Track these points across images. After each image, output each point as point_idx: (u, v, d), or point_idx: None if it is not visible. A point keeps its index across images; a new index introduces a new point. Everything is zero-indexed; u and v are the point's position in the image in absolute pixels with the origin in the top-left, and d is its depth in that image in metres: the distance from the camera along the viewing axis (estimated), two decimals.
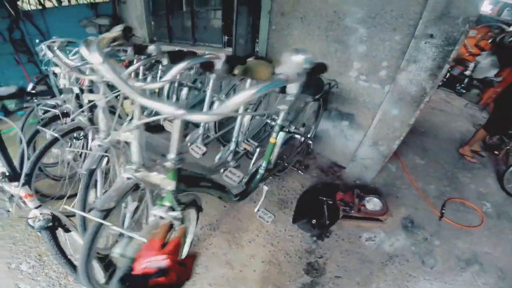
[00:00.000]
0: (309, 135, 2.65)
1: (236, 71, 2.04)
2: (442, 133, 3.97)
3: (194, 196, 1.56)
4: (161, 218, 1.17)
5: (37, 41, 2.16)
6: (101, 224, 1.26)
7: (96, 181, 1.84)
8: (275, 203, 2.49)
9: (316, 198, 2.36)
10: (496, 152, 3.53)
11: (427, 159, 3.25)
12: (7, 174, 1.49)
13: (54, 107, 2.04)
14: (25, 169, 1.47)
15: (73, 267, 1.51)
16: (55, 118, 2.00)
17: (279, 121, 1.84)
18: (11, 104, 3.71)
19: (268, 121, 2.37)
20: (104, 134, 1.69)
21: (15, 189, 1.48)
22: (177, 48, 3.57)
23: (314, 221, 2.16)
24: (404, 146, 3.26)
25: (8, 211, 1.64)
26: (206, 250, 2.14)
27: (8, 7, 3.96)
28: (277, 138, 1.92)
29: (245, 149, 2.30)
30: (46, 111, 2.11)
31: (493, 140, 3.62)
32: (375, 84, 2.31)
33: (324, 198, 2.33)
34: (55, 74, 2.04)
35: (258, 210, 2.13)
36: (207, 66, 2.13)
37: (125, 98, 1.63)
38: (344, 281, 1.96)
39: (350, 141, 2.74)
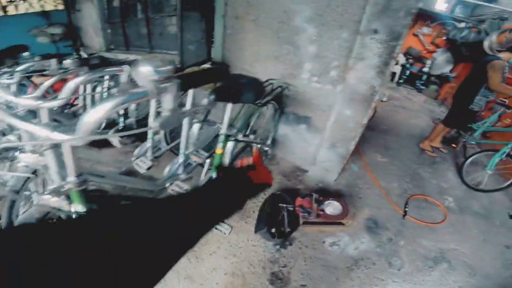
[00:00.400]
0: (266, 141, 2.58)
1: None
2: (403, 129, 4.04)
3: None
4: None
5: None
6: None
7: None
8: (236, 213, 2.38)
9: (276, 206, 2.28)
10: (453, 146, 3.64)
11: (389, 157, 3.28)
12: None
13: None
14: None
15: None
16: None
17: (222, 130, 1.76)
18: None
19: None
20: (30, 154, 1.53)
21: None
22: (131, 57, 3.44)
23: (273, 229, 2.08)
24: (366, 144, 3.28)
25: None
26: None
27: None
28: (225, 148, 1.83)
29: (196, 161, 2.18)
30: None
31: (451, 134, 3.73)
32: (327, 85, 2.27)
33: (284, 205, 2.26)
34: None
35: None
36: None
37: None
38: None
39: (309, 144, 2.69)
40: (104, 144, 2.52)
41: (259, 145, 2.28)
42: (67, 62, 1.68)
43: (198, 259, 2.04)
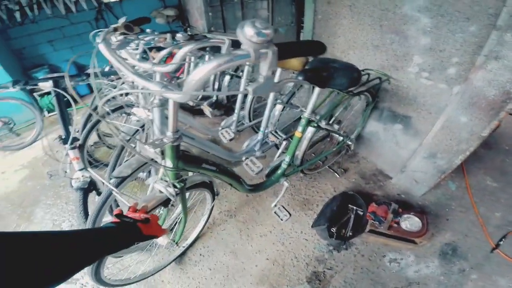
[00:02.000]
0: (351, 136, 2.40)
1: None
2: None
3: (209, 178, 1.61)
4: (160, 192, 1.26)
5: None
6: (111, 191, 1.43)
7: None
8: (299, 202, 2.34)
9: (345, 206, 2.12)
10: None
11: (502, 182, 2.64)
12: (63, 137, 1.89)
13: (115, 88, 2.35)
14: (73, 134, 1.83)
15: None
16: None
17: (306, 114, 1.69)
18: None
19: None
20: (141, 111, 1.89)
21: (67, 151, 1.84)
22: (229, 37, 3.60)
23: (333, 229, 1.96)
24: (475, 162, 2.72)
25: (66, 171, 1.96)
26: (217, 234, 2.16)
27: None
28: (304, 133, 1.77)
29: (273, 141, 2.20)
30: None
31: None
32: (441, 83, 1.89)
33: (354, 207, 2.09)
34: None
35: (275, 206, 2.01)
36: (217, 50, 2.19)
37: None
38: None
39: (402, 148, 2.36)
40: (198, 113, 2.77)
41: (341, 138, 2.13)
42: (179, 36, 1.89)
43: (248, 237, 2.11)
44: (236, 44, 1.91)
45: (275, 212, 2.00)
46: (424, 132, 2.12)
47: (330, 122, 2.12)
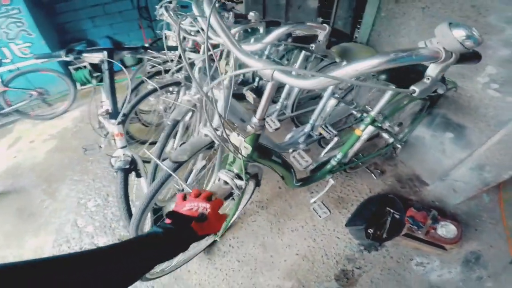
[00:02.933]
0: (400, 138, 2.33)
1: (333, 50, 1.82)
2: None
3: (258, 169, 1.54)
4: (225, 183, 1.16)
5: (155, 6, 2.37)
6: (170, 175, 1.34)
7: (177, 132, 2.04)
8: (334, 200, 2.35)
9: (382, 208, 2.14)
10: None
11: None
12: (110, 111, 1.78)
13: (160, 64, 2.28)
14: (123, 110, 1.71)
15: (129, 213, 1.63)
16: (159, 73, 2.28)
17: (373, 113, 1.61)
18: (128, 61, 4.43)
19: (355, 112, 2.09)
20: (194, 91, 1.82)
21: (112, 126, 1.73)
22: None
23: (371, 230, 2.00)
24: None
25: (100, 146, 1.94)
26: (248, 225, 2.17)
27: None
28: (364, 131, 1.70)
29: (320, 134, 2.15)
30: (153, 67, 2.39)
31: None
32: (510, 96, 1.77)
33: (392, 211, 2.11)
34: (166, 37, 2.24)
35: (315, 202, 2.02)
36: (302, 40, 1.92)
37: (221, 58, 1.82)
38: None
39: (447, 157, 2.29)
40: (239, 98, 2.64)
41: (391, 140, 2.06)
42: (251, 15, 1.92)
43: (279, 231, 2.12)
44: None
45: (313, 208, 2.01)
46: (476, 143, 2.04)
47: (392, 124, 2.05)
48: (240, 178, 1.16)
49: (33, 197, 2.46)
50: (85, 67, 1.75)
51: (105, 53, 1.71)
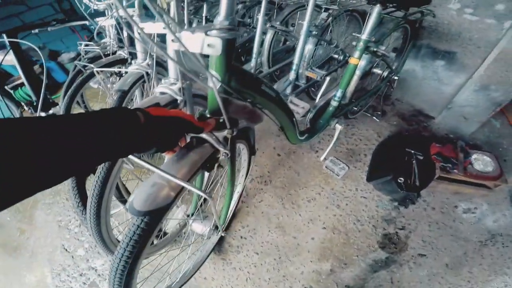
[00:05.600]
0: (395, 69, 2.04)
1: None
2: None
3: (248, 129, 1.02)
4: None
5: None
6: None
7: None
8: (343, 154, 1.90)
9: (402, 151, 1.72)
10: None
11: None
12: (34, 103, 1.61)
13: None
14: (42, 97, 1.45)
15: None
16: (98, 58, 1.89)
17: (364, 36, 1.31)
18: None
19: (335, 55, 1.82)
20: (142, 57, 1.49)
21: None
22: None
23: (401, 179, 1.56)
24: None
25: None
26: (255, 208, 1.67)
27: None
28: (360, 59, 1.39)
29: (307, 82, 1.74)
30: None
31: None
32: (488, 19, 1.72)
33: (413, 151, 1.70)
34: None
35: (325, 159, 1.56)
36: None
37: None
38: (429, 261, 1.43)
39: (445, 85, 2.08)
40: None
41: (385, 73, 1.73)
42: None
43: (294, 205, 1.65)
44: None
45: (326, 167, 1.55)
46: (472, 66, 1.91)
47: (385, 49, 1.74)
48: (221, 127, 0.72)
49: (11, 230, 2.06)
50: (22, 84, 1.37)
51: (4, 35, 1.40)
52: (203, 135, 0.71)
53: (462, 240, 1.50)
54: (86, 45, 1.89)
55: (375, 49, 1.42)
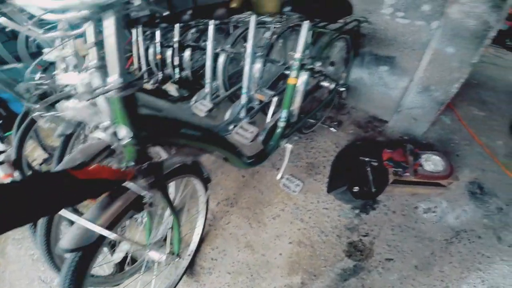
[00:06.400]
0: (340, 82, 2.10)
1: (233, 4, 1.54)
2: (499, 85, 3.21)
3: (194, 157, 1.07)
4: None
5: None
6: None
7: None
8: (303, 169, 1.94)
9: (356, 159, 1.77)
10: None
11: (487, 111, 2.55)
12: None
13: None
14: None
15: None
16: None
17: (297, 55, 1.33)
18: None
19: (287, 72, 1.83)
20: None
21: None
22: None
23: (356, 188, 1.60)
24: (456, 97, 2.65)
25: None
26: (223, 230, 1.69)
27: None
28: (298, 78, 1.43)
29: (260, 102, 1.79)
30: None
31: None
32: (418, 21, 1.79)
33: (367, 159, 1.75)
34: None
35: (282, 177, 1.60)
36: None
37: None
38: (398, 264, 1.45)
39: (392, 89, 2.15)
40: (161, 96, 2.26)
41: (332, 85, 1.80)
42: None
43: (260, 223, 1.68)
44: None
45: (283, 185, 1.59)
46: (411, 68, 1.98)
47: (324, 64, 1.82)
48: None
49: None
50: None
51: None
52: (125, 184, 0.77)
53: (427, 240, 1.54)
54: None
55: (310, 67, 1.46)
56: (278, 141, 1.56)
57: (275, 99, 1.64)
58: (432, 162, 1.69)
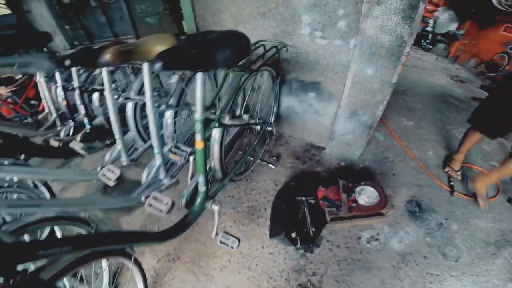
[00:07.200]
0: (269, 119, 2.04)
1: (106, 57, 1.21)
2: (422, 88, 3.43)
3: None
4: None
5: None
6: None
7: None
8: (245, 214, 1.85)
9: (293, 200, 1.71)
10: None
11: (415, 119, 2.67)
12: None
13: None
14: None
15: None
16: None
17: (198, 115, 1.13)
18: None
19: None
20: None
21: None
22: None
23: (293, 233, 1.54)
24: (386, 108, 2.75)
25: None
26: (169, 286, 1.56)
27: None
28: (206, 140, 1.23)
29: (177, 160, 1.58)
30: None
31: None
32: (336, 40, 1.72)
33: (304, 198, 1.69)
34: None
35: (217, 234, 1.47)
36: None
37: None
38: None
39: (322, 115, 2.11)
40: (70, 154, 2.01)
41: (258, 127, 1.72)
42: None
43: (207, 276, 1.56)
44: None
45: (220, 242, 1.47)
46: (337, 93, 1.93)
47: (238, 113, 1.64)
48: None
49: None
50: None
51: None
52: None
53: (375, 270, 1.52)
54: None
55: (220, 121, 1.29)
56: (202, 205, 1.38)
57: (191, 159, 1.44)
58: (366, 195, 1.68)
